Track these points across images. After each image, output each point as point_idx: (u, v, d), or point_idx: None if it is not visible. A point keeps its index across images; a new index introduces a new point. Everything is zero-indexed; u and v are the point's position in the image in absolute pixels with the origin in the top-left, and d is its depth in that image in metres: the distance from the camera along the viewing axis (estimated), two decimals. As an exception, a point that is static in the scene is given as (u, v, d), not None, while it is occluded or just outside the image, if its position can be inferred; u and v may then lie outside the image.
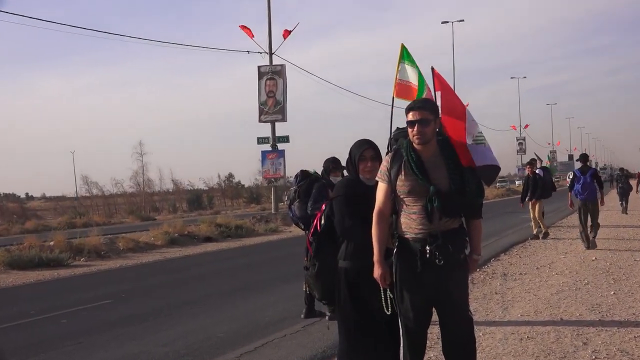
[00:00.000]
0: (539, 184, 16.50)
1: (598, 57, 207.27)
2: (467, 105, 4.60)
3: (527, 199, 16.76)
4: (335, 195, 4.61)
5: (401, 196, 4.09)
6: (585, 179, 13.70)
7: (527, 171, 17.10)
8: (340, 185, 4.69)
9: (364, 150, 4.55)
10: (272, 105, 30.08)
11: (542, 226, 16.74)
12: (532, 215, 17.01)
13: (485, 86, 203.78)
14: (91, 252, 17.15)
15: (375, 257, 4.12)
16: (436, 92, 4.65)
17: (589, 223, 13.94)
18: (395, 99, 5.40)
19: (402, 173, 4.08)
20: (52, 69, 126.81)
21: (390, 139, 4.79)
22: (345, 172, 5.84)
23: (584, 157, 14.55)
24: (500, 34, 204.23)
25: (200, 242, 20.99)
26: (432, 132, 4.11)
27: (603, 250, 13.55)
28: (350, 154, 4.64)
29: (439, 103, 4.46)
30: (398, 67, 5.30)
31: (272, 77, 30.17)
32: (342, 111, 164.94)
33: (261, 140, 30.50)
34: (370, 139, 4.69)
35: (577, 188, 13.80)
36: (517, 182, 77.64)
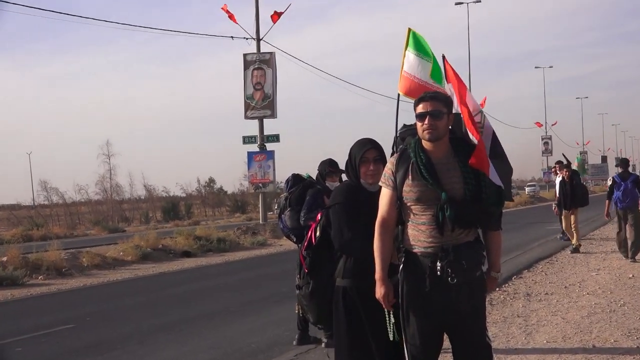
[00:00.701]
0: (577, 189, 16.71)
1: (636, 43, 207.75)
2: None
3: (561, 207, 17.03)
4: (333, 203, 4.61)
5: (408, 204, 4.10)
6: (626, 185, 14.15)
7: (561, 174, 17.21)
8: (339, 191, 4.69)
9: (366, 150, 4.55)
10: (260, 99, 30.10)
11: (575, 239, 16.83)
12: (565, 225, 17.16)
13: (505, 77, 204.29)
14: (50, 269, 17.10)
15: (378, 275, 4.12)
16: (448, 84, 4.65)
17: (629, 237, 14.21)
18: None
19: (410, 177, 4.08)
20: (4, 58, 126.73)
21: (396, 137, 4.79)
22: (344, 177, 5.84)
23: (625, 162, 15.09)
24: (522, 17, 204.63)
25: (177, 257, 20.97)
26: (445, 128, 4.12)
27: (641, 266, 13.60)
28: (350, 155, 4.64)
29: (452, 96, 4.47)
30: (404, 56, 5.27)
31: (259, 66, 30.19)
32: (340, 106, 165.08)
33: (247, 140, 30.50)
34: (373, 138, 4.70)
35: (618, 195, 14.24)
36: (526, 190, 74.83)
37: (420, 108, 4.12)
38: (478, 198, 4.03)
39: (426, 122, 4.07)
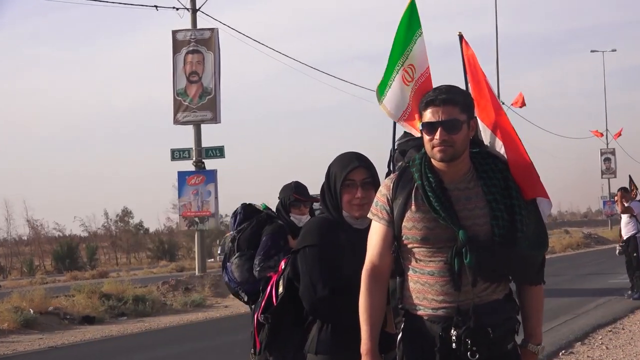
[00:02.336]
0: None
1: None
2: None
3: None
4: (302, 245, 4.61)
5: (410, 246, 4.11)
6: None
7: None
8: (310, 228, 4.70)
9: (352, 170, 4.57)
10: (197, 96, 30.07)
11: None
12: None
13: (547, 65, 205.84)
14: None
15: (365, 347, 4.13)
16: (467, 76, 4.69)
17: None
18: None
19: (412, 207, 4.10)
20: None
21: (394, 151, 4.81)
22: (316, 207, 5.85)
23: None
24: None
25: (76, 324, 20.82)
26: (464, 142, 4.12)
27: None
28: (328, 176, 4.65)
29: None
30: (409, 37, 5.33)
31: (195, 48, 30.21)
32: (313, 105, 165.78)
33: (178, 155, 30.42)
34: (361, 152, 4.71)
35: None
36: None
37: (429, 115, 4.09)
38: (511, 238, 4.04)
39: (437, 136, 4.04)
